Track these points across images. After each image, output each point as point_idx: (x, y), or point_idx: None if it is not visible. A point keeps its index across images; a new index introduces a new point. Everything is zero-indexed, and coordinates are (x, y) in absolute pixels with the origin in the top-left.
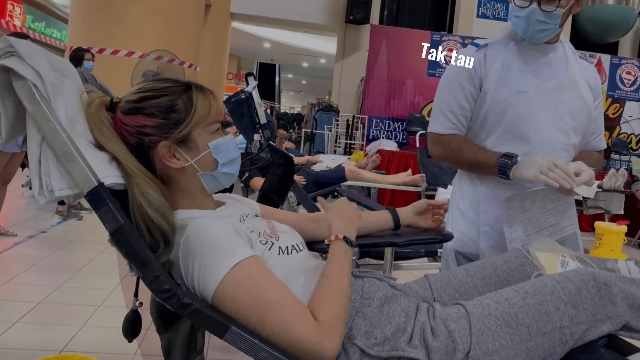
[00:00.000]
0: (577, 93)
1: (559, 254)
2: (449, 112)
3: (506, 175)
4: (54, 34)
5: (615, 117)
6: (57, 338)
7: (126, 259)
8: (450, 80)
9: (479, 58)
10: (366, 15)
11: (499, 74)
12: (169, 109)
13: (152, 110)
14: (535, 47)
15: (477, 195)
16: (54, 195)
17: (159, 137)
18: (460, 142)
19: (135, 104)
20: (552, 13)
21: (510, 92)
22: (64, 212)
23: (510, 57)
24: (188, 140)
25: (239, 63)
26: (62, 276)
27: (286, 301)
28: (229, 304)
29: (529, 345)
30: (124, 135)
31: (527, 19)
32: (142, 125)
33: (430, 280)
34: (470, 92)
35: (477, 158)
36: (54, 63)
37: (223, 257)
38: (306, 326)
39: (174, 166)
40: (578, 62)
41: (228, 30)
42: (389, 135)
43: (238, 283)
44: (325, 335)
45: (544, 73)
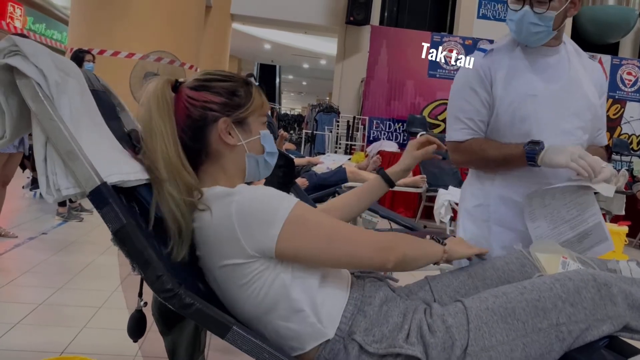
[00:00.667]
0: (582, 93)
1: (559, 255)
2: (465, 118)
3: (534, 161)
4: (54, 36)
5: (616, 118)
6: (57, 340)
7: (128, 258)
8: (462, 86)
9: (487, 64)
10: (366, 16)
11: (506, 79)
12: (232, 93)
13: (218, 89)
14: (539, 50)
15: (488, 197)
16: (60, 194)
17: (222, 113)
18: (482, 143)
19: (203, 82)
20: (543, 15)
21: (518, 96)
22: (64, 214)
23: (515, 61)
24: (244, 123)
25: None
26: (62, 278)
27: (344, 224)
28: (296, 239)
29: (525, 340)
30: (188, 109)
31: (520, 22)
32: (209, 100)
33: (431, 281)
34: (485, 98)
35: (502, 153)
36: (57, 62)
37: (279, 203)
38: (373, 235)
39: (229, 142)
40: (582, 62)
41: (228, 31)
42: (389, 136)
43: (300, 219)
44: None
45: (548, 76)
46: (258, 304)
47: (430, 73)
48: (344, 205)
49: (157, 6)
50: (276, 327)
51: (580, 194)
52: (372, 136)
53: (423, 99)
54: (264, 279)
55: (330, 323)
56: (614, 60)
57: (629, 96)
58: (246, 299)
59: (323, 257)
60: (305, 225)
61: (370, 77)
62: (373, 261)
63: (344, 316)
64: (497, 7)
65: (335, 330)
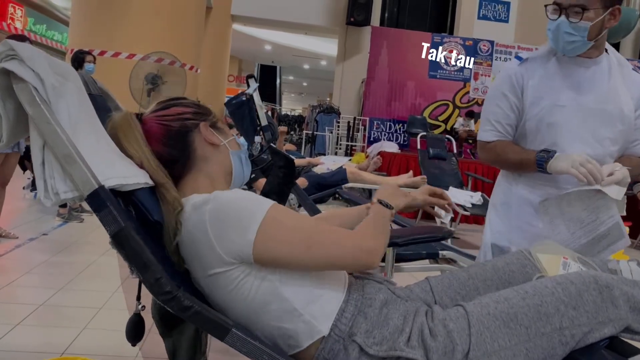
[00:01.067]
0: (617, 105)
1: (560, 256)
2: (494, 121)
3: (543, 168)
4: (55, 37)
5: None
6: (58, 341)
7: (127, 261)
8: (495, 91)
9: (520, 72)
10: (367, 17)
11: (537, 88)
12: (197, 105)
13: (184, 103)
14: (575, 61)
15: (511, 196)
16: (59, 197)
17: (198, 119)
18: (505, 146)
19: (167, 102)
20: (577, 25)
21: (548, 105)
22: (65, 215)
23: (550, 71)
24: (217, 126)
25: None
26: (63, 279)
27: (324, 226)
28: (273, 244)
29: (528, 346)
30: (165, 125)
31: (556, 31)
32: (182, 112)
33: (432, 282)
34: (515, 103)
35: (520, 157)
36: (54, 66)
37: (255, 207)
38: (353, 236)
39: (216, 142)
40: (623, 74)
41: (229, 32)
42: (390, 137)
43: (276, 223)
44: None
45: (581, 87)
46: (249, 306)
47: (431, 74)
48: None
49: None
50: (270, 328)
51: (597, 197)
52: (372, 137)
53: (423, 100)
54: (250, 283)
55: (324, 319)
56: None
57: None
58: (237, 303)
59: (302, 263)
60: (281, 229)
61: (370, 77)
62: (355, 265)
63: (344, 317)
64: (498, 8)
65: (330, 327)
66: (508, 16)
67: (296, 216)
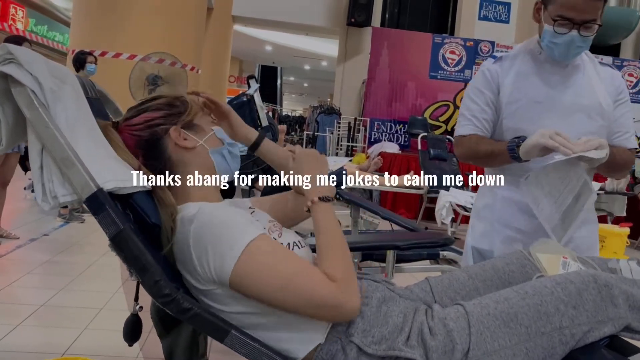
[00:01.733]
0: (594, 100)
1: (560, 256)
2: (470, 116)
3: (515, 153)
4: (56, 37)
5: None
6: (58, 341)
7: (126, 264)
8: (471, 88)
9: (495, 69)
10: (368, 17)
11: (513, 86)
12: (170, 104)
13: (156, 106)
14: (553, 60)
15: (494, 197)
16: (57, 201)
17: (168, 124)
18: (479, 139)
19: (138, 108)
20: (588, 38)
21: (525, 103)
22: (66, 215)
23: (525, 69)
24: (193, 125)
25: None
26: (64, 279)
27: (303, 269)
28: (248, 281)
29: (528, 345)
30: (135, 136)
31: (568, 45)
32: (151, 118)
33: (432, 282)
34: (491, 99)
35: (491, 148)
36: (53, 70)
37: (236, 238)
38: (326, 286)
39: (188, 145)
40: (596, 69)
41: (230, 33)
42: (390, 137)
43: (254, 260)
44: (345, 290)
45: (561, 83)
46: (241, 320)
47: (432, 74)
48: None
49: (159, 8)
50: (266, 338)
51: (570, 164)
52: (373, 137)
53: (424, 100)
54: (237, 300)
55: (320, 327)
56: (615, 61)
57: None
58: (225, 315)
59: (273, 303)
60: (258, 268)
61: (371, 78)
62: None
63: None
64: (498, 9)
65: (327, 334)
66: (509, 17)
67: (278, 255)
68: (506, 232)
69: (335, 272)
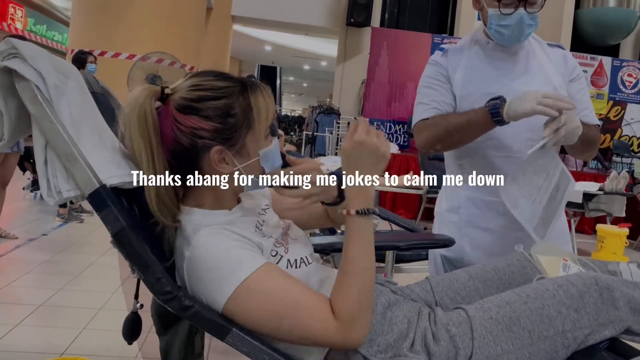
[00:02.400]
0: (549, 85)
1: (560, 258)
2: (430, 100)
3: (500, 116)
4: (55, 37)
5: (617, 120)
6: (57, 341)
7: (128, 261)
8: (425, 79)
9: (444, 63)
10: (367, 17)
11: (464, 80)
12: (226, 114)
13: (209, 112)
14: (502, 48)
15: (458, 198)
16: (61, 196)
17: (214, 141)
18: (445, 115)
19: (192, 102)
20: (535, 14)
21: (478, 96)
22: (65, 215)
23: (474, 61)
24: (240, 145)
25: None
26: (63, 279)
27: (301, 305)
28: (241, 318)
29: (531, 349)
30: (176, 134)
31: (518, 26)
32: (199, 127)
33: (432, 282)
34: (449, 87)
35: (465, 117)
36: (56, 65)
37: (230, 274)
38: (325, 327)
39: (223, 171)
40: (545, 51)
41: (229, 33)
42: (390, 137)
43: (248, 297)
44: (345, 330)
45: (512, 71)
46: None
47: None
48: None
49: (158, 7)
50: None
51: (541, 155)
52: None
53: None
54: None
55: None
56: (615, 62)
57: (629, 98)
58: None
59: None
60: (252, 303)
61: (370, 78)
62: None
63: None
64: None
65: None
66: None
67: (273, 290)
68: (474, 234)
69: (339, 307)
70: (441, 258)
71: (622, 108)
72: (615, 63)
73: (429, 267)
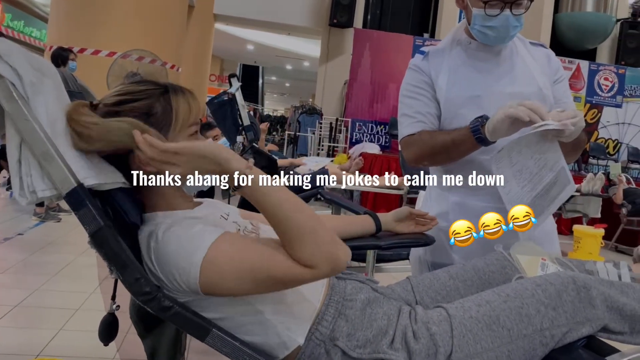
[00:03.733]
0: (534, 85)
1: (539, 257)
2: (414, 113)
3: (481, 134)
4: (33, 33)
5: (593, 123)
6: (33, 342)
7: (106, 261)
8: (407, 86)
9: (425, 66)
10: (350, 18)
11: (447, 82)
12: (147, 114)
13: (129, 114)
14: (485, 48)
15: (446, 204)
16: (35, 195)
17: None
18: (430, 133)
19: (112, 107)
20: (520, 16)
21: (462, 99)
22: (41, 214)
23: (457, 63)
24: None
25: (221, 65)
26: (39, 279)
27: (270, 257)
28: (218, 284)
29: (510, 347)
30: None
31: (504, 28)
32: None
33: (413, 282)
34: (431, 94)
35: (450, 137)
36: (33, 62)
37: (196, 245)
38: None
39: (151, 170)
40: (529, 50)
41: (211, 31)
42: (372, 138)
43: (218, 261)
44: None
45: (496, 72)
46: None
47: None
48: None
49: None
50: (247, 338)
51: (544, 142)
52: (354, 138)
53: None
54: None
55: (299, 328)
56: (592, 66)
57: (605, 101)
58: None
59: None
60: (223, 268)
61: (353, 79)
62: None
63: (325, 320)
64: None
65: (307, 336)
66: None
67: (241, 249)
68: None
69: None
70: (427, 264)
71: (599, 111)
72: (593, 67)
73: (411, 268)
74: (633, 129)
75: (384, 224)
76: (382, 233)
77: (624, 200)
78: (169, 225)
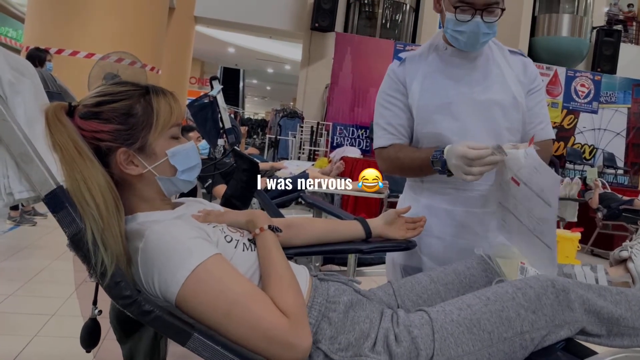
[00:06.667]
0: (508, 93)
1: (518, 261)
2: (386, 124)
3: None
4: (9, 33)
5: (570, 128)
6: (7, 349)
7: (85, 264)
8: (382, 94)
9: (401, 72)
10: (331, 22)
11: (422, 88)
12: (127, 114)
13: (109, 115)
14: (460, 54)
15: (417, 206)
16: (12, 197)
17: (116, 143)
18: (397, 150)
19: (92, 108)
20: (492, 23)
21: (436, 105)
22: (16, 218)
23: (432, 69)
24: (146, 146)
25: (202, 67)
26: (13, 284)
27: (252, 296)
28: (193, 306)
29: (491, 350)
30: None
31: (473, 34)
32: (98, 130)
33: (394, 286)
34: (403, 102)
35: (417, 161)
36: (12, 62)
37: (183, 261)
38: (276, 318)
39: (132, 173)
40: (506, 58)
41: (192, 34)
42: (352, 142)
43: (200, 285)
44: (296, 325)
45: (471, 79)
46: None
47: None
48: (313, 229)
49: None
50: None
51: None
52: (335, 142)
53: None
54: None
55: None
56: (569, 72)
57: (582, 107)
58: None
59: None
60: (204, 292)
61: (334, 83)
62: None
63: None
64: None
65: None
66: None
67: (225, 278)
68: (434, 244)
69: (286, 305)
70: (399, 267)
71: (575, 117)
72: (570, 73)
73: (386, 272)
74: (608, 135)
75: (374, 229)
76: (373, 239)
77: (600, 204)
78: (161, 230)
